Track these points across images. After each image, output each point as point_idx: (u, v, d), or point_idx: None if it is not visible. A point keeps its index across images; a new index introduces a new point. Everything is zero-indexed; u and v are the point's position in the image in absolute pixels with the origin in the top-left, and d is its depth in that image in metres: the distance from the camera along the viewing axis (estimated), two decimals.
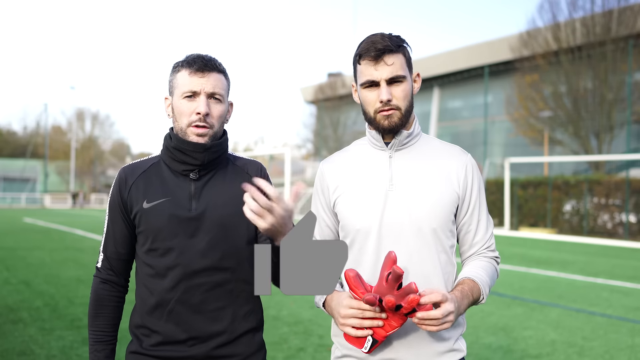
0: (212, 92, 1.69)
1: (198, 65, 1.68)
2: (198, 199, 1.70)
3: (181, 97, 1.69)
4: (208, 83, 1.68)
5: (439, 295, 1.41)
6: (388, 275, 1.41)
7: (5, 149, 65.34)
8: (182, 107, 1.69)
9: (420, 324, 1.42)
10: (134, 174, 1.76)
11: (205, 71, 1.68)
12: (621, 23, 23.98)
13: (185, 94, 1.69)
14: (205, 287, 1.68)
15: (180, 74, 1.71)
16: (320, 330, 5.52)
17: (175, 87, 1.72)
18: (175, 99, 1.72)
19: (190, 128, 1.68)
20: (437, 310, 1.40)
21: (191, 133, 1.68)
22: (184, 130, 1.69)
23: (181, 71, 1.71)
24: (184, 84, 1.69)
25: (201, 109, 1.66)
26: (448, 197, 1.65)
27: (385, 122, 1.63)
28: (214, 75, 1.70)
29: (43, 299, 6.84)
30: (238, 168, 1.81)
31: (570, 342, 5.32)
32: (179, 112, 1.70)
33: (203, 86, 1.68)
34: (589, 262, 12.36)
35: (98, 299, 1.74)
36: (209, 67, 1.69)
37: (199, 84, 1.68)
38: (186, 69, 1.70)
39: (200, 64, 1.68)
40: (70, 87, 61.79)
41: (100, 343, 1.72)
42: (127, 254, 1.77)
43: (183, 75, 1.70)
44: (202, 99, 1.68)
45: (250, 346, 1.74)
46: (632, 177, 21.35)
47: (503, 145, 33.89)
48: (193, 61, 1.69)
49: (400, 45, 1.62)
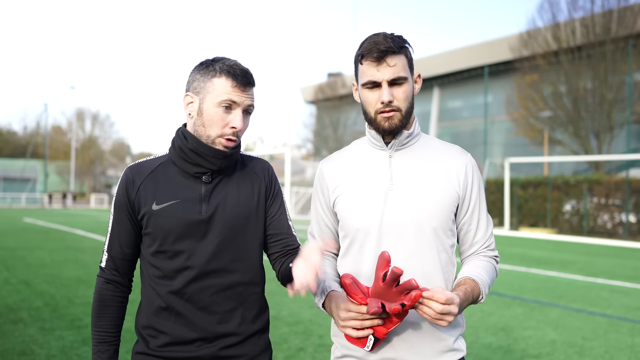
0: (247, 108, 1.68)
1: (243, 80, 1.64)
2: (208, 202, 1.68)
3: (217, 105, 1.64)
4: (248, 99, 1.66)
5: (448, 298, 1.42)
6: (384, 276, 1.41)
7: (5, 149, 65.35)
8: (216, 116, 1.64)
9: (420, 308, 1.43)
10: (141, 174, 1.71)
11: (247, 86, 1.66)
12: (621, 23, 24.00)
13: (224, 104, 1.64)
14: (215, 289, 1.66)
15: (220, 80, 1.64)
16: (320, 330, 5.52)
17: (210, 91, 1.65)
18: (208, 104, 1.65)
19: (220, 139, 1.65)
20: (441, 305, 1.40)
21: (219, 144, 1.66)
22: (212, 139, 1.65)
23: (221, 78, 1.64)
24: (224, 92, 1.63)
25: (237, 124, 1.64)
26: (448, 196, 1.65)
27: (385, 123, 1.63)
28: (252, 91, 1.69)
29: (43, 299, 6.84)
30: (247, 168, 1.79)
31: (570, 342, 5.32)
32: (210, 119, 1.65)
33: (243, 100, 1.65)
34: (589, 262, 12.36)
35: (102, 299, 1.71)
36: (251, 83, 1.67)
37: (241, 99, 1.64)
38: (228, 77, 1.64)
39: (245, 80, 1.65)
40: (70, 87, 61.86)
41: (103, 344, 1.70)
42: (132, 254, 1.73)
43: (223, 84, 1.64)
44: (239, 114, 1.65)
45: (257, 346, 1.74)
46: (632, 177, 21.35)
47: (503, 145, 33.90)
48: (237, 73, 1.64)
49: (402, 46, 1.62)
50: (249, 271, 1.72)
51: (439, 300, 1.40)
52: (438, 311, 1.40)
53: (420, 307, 1.43)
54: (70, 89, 67.52)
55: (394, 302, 1.40)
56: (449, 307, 1.41)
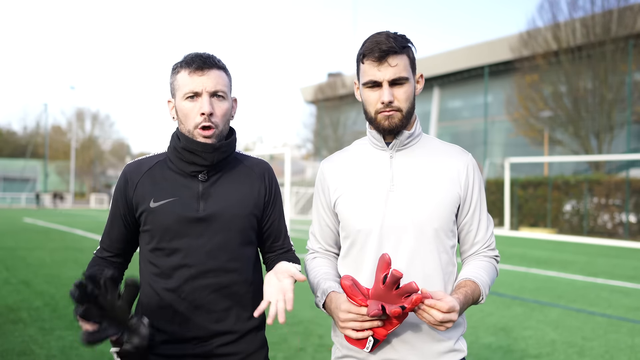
0: (214, 90, 1.65)
1: (197, 64, 1.64)
2: (206, 200, 1.69)
3: (183, 98, 1.66)
4: (209, 81, 1.65)
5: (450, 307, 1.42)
6: (384, 278, 1.41)
7: (5, 149, 65.32)
8: (185, 109, 1.66)
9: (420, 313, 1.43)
10: (139, 171, 1.73)
11: (205, 69, 1.65)
12: (621, 23, 23.98)
13: (187, 95, 1.65)
14: (212, 288, 1.67)
15: (180, 75, 1.67)
16: (320, 330, 5.51)
17: (177, 88, 1.69)
18: (178, 101, 1.69)
19: (198, 130, 1.65)
20: (442, 314, 1.40)
21: (198, 135, 1.66)
22: (192, 132, 1.67)
23: (180, 72, 1.67)
24: (185, 84, 1.65)
25: (205, 109, 1.63)
26: (450, 197, 1.64)
27: (385, 122, 1.62)
28: (214, 73, 1.66)
29: (43, 299, 6.84)
30: (246, 168, 1.80)
31: (570, 342, 5.32)
32: (183, 114, 1.67)
33: (204, 85, 1.64)
34: (589, 262, 12.36)
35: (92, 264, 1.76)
36: (208, 65, 1.65)
37: (200, 83, 1.64)
38: (185, 68, 1.66)
39: (199, 62, 1.64)
40: (70, 87, 61.85)
41: None
42: (123, 248, 1.79)
43: (183, 76, 1.66)
44: (204, 99, 1.64)
45: (253, 344, 1.75)
46: (632, 177, 21.34)
47: (503, 145, 33.88)
48: (191, 60, 1.65)
49: (404, 46, 1.61)
50: (245, 270, 1.73)
51: (441, 309, 1.40)
52: (439, 319, 1.41)
53: (421, 312, 1.43)
54: (70, 89, 67.55)
55: (394, 305, 1.40)
56: (450, 315, 1.42)
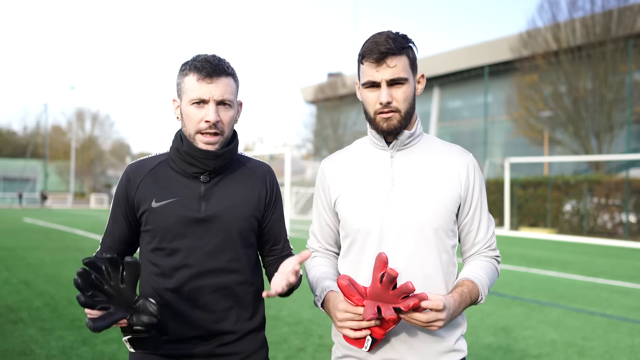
0: (221, 99, 1.64)
1: (207, 71, 1.61)
2: (207, 201, 1.68)
3: (189, 103, 1.64)
4: (217, 90, 1.63)
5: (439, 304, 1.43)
6: (381, 277, 1.41)
7: (5, 149, 65.31)
8: (190, 114, 1.64)
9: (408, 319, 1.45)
10: (141, 171, 1.73)
11: (214, 76, 1.62)
12: (621, 23, 23.99)
13: (194, 101, 1.64)
14: (212, 288, 1.67)
15: (189, 78, 1.64)
16: (320, 330, 5.51)
17: (184, 91, 1.66)
18: (184, 104, 1.67)
19: (199, 135, 1.64)
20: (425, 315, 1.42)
21: (199, 140, 1.65)
22: (192, 137, 1.66)
23: (189, 75, 1.64)
24: (192, 90, 1.63)
25: (210, 118, 1.62)
26: (450, 197, 1.64)
27: (384, 124, 1.62)
28: (222, 81, 1.64)
29: (43, 299, 6.84)
30: (248, 170, 1.80)
31: (570, 342, 5.32)
32: (187, 117, 1.66)
33: (212, 93, 1.62)
34: (589, 262, 12.36)
35: None
36: (217, 72, 1.62)
37: (208, 92, 1.62)
38: (194, 73, 1.63)
39: (209, 69, 1.61)
40: (70, 87, 61.73)
41: None
42: (122, 249, 1.77)
43: (191, 81, 1.63)
44: (211, 107, 1.63)
45: (254, 344, 1.75)
46: (632, 177, 21.34)
47: (503, 145, 33.88)
48: (201, 66, 1.62)
49: (404, 47, 1.60)
50: (245, 271, 1.73)
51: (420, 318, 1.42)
52: (423, 321, 1.43)
53: (407, 318, 1.44)
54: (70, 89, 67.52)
55: (391, 304, 1.41)
56: (437, 314, 1.43)
